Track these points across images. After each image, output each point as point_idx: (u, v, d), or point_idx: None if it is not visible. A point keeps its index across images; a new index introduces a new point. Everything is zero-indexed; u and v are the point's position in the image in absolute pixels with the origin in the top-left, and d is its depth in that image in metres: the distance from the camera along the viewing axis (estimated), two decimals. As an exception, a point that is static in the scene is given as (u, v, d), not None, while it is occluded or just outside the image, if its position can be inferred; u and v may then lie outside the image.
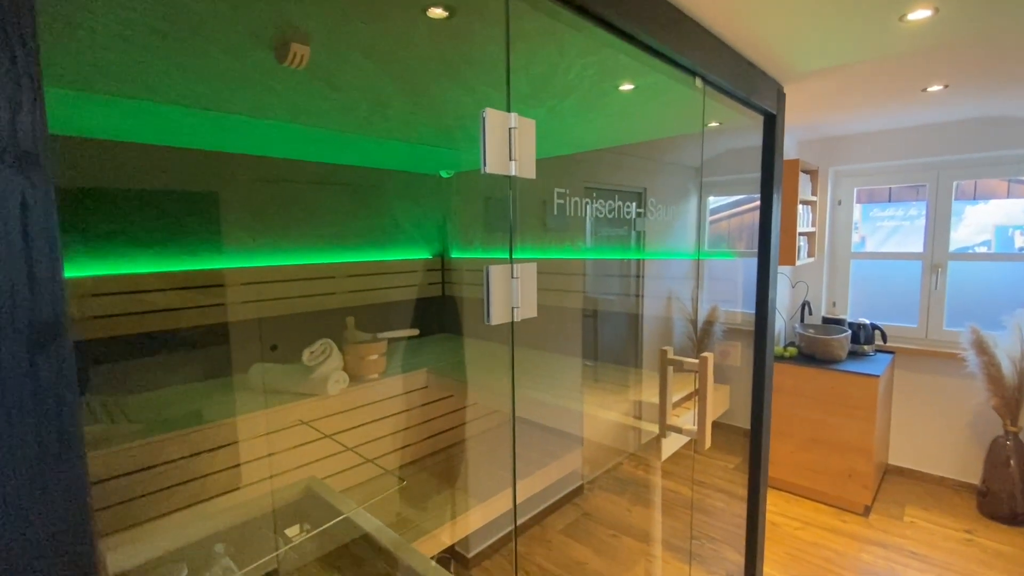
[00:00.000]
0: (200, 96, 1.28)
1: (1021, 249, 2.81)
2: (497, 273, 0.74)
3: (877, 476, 2.73)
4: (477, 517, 1.93)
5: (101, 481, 1.28)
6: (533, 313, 0.81)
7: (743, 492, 2.09)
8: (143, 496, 1.33)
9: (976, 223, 2.98)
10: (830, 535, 2.40)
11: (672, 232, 3.09)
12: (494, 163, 0.68)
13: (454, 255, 2.67)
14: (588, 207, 1.60)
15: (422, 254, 2.56)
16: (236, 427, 1.59)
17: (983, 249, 2.91)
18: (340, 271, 2.20)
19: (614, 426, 2.21)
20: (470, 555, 2.20)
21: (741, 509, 2.09)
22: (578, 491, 2.76)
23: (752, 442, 2.05)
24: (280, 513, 1.36)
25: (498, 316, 0.75)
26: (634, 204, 3.10)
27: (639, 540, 2.38)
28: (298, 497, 1.41)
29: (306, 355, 1.83)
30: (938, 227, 2.87)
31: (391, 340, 2.17)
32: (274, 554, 1.16)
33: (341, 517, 1.23)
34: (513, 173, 0.71)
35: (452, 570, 2.24)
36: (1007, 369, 2.41)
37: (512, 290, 0.77)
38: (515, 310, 0.78)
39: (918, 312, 2.95)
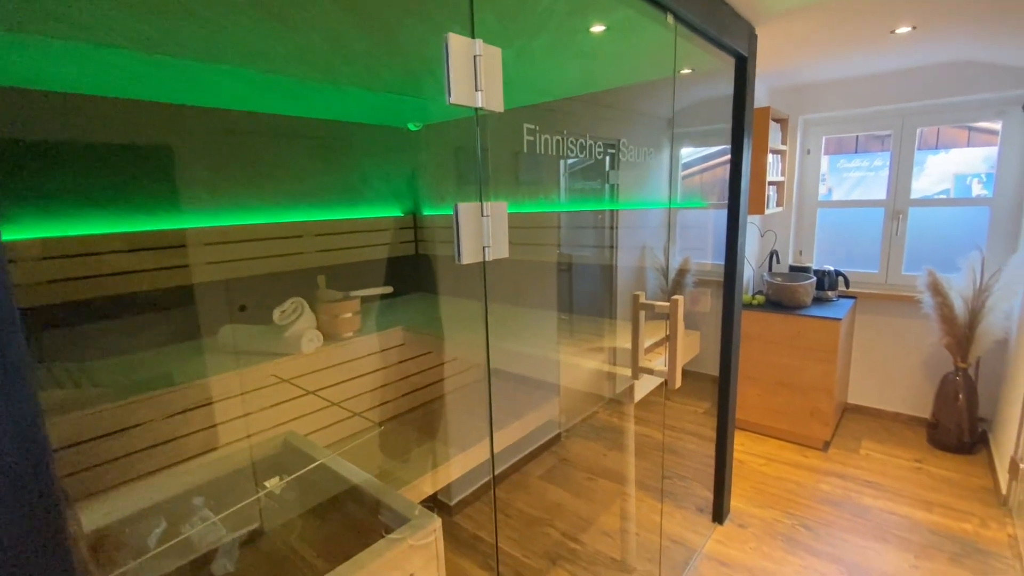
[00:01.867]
0: (141, 36, 1.19)
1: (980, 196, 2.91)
2: (467, 211, 0.73)
3: (837, 414, 2.89)
4: (458, 467, 1.97)
5: (71, 446, 1.26)
6: (504, 254, 0.80)
7: (712, 434, 2.19)
8: (117, 460, 1.31)
9: (937, 172, 3.06)
10: (792, 469, 2.56)
11: (645, 183, 3.08)
12: (459, 93, 0.65)
13: (426, 212, 2.62)
14: (560, 156, 1.57)
15: (393, 211, 2.50)
16: (209, 388, 1.57)
17: (943, 197, 3.00)
18: (308, 230, 2.14)
19: (589, 374, 2.26)
20: (452, 503, 2.27)
21: (710, 450, 2.20)
22: (555, 439, 2.85)
23: (721, 386, 2.13)
24: (259, 466, 1.36)
25: (469, 255, 0.74)
26: (607, 156, 3.08)
27: (614, 481, 2.49)
28: (276, 451, 1.41)
29: (277, 314, 1.80)
30: (901, 174, 2.94)
31: (364, 299, 2.14)
32: (254, 498, 1.17)
33: (317, 463, 1.24)
34: (479, 105, 0.68)
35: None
36: (959, 309, 2.54)
37: (483, 229, 0.75)
38: (486, 249, 0.77)
39: (879, 258, 3.06)
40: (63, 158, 1.44)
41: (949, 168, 3.03)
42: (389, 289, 2.27)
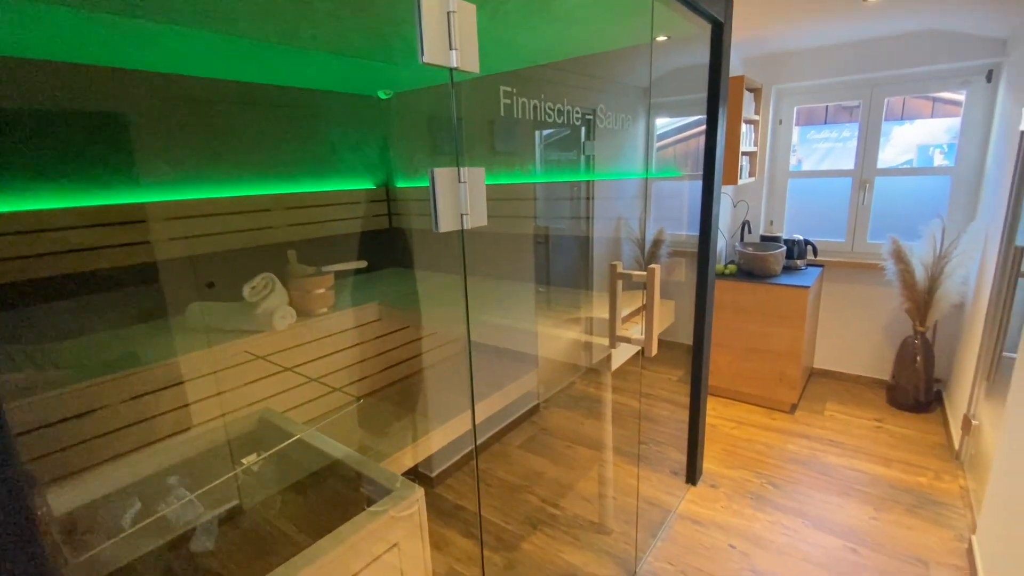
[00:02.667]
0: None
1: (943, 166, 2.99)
2: (443, 176, 0.70)
3: (803, 378, 3.00)
4: (438, 439, 1.98)
5: (35, 429, 1.21)
6: (483, 221, 0.79)
7: (686, 401, 2.25)
8: (85, 442, 1.27)
9: (902, 143, 3.13)
10: (761, 431, 2.66)
11: (621, 154, 3.07)
12: (432, 51, 0.62)
13: (399, 184, 2.56)
14: (537, 121, 1.54)
15: (365, 184, 2.44)
16: (179, 367, 1.52)
17: (907, 167, 3.08)
18: (277, 203, 2.06)
19: (567, 344, 2.29)
20: (433, 474, 2.29)
21: (684, 415, 2.26)
22: (534, 410, 2.89)
23: (694, 354, 2.18)
24: (235, 444, 1.34)
25: (446, 223, 0.72)
26: (584, 126, 3.04)
27: (592, 448, 2.55)
28: (252, 429, 1.39)
29: (247, 290, 1.75)
30: (868, 144, 2.99)
31: (338, 274, 2.10)
32: (230, 474, 1.15)
33: (294, 438, 1.22)
34: (454, 64, 0.66)
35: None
36: (920, 275, 2.64)
37: (460, 195, 0.73)
38: (464, 217, 0.75)
39: (846, 227, 3.14)
40: (4, 127, 1.34)
41: (913, 139, 3.11)
42: (363, 264, 2.22)
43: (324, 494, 1.20)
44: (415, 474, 2.30)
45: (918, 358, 2.76)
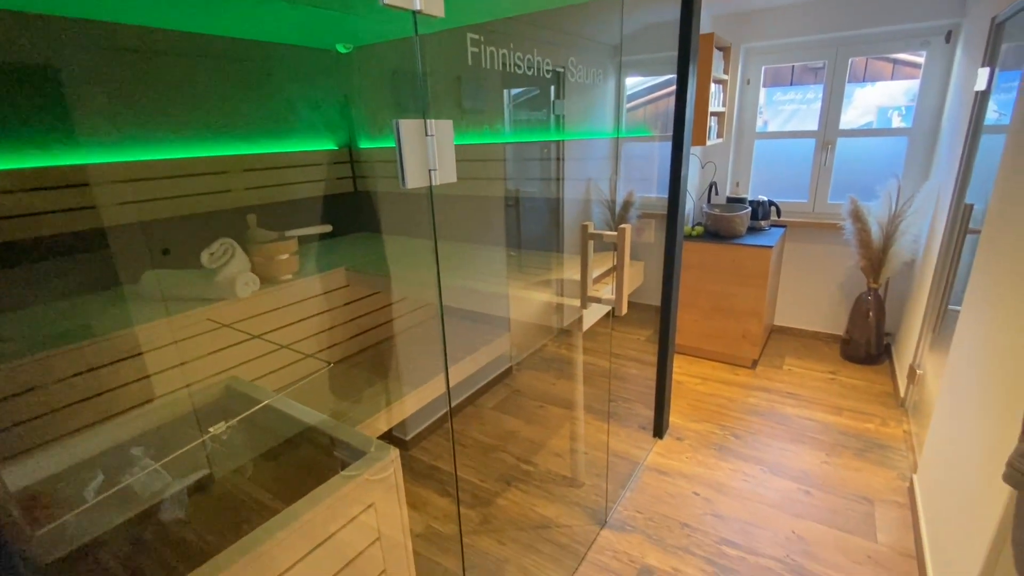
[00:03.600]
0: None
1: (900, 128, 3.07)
2: (409, 129, 0.67)
3: (765, 335, 3.12)
4: (412, 403, 1.99)
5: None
6: (452, 178, 0.76)
7: (654, 360, 2.31)
8: (40, 416, 1.22)
9: (863, 105, 3.19)
10: (724, 386, 2.77)
11: (591, 113, 3.02)
12: (392, -9, 0.58)
13: (363, 145, 2.46)
14: (507, 73, 1.49)
15: (326, 145, 2.33)
16: (137, 338, 1.46)
17: (867, 128, 3.15)
18: (233, 165, 1.96)
19: (539, 307, 2.30)
20: (408, 438, 2.32)
21: (652, 373, 2.33)
22: (507, 372, 2.93)
23: (662, 314, 2.23)
24: (200, 414, 1.31)
25: (414, 178, 0.70)
26: (553, 85, 2.97)
27: (564, 408, 2.61)
28: (218, 398, 1.36)
29: (205, 257, 1.68)
30: (832, 106, 3.04)
31: (302, 239, 2.03)
32: (197, 442, 1.13)
33: (262, 404, 1.20)
34: (417, 7, 0.62)
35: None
36: (875, 234, 2.74)
37: (428, 149, 0.70)
38: (432, 173, 0.73)
39: (808, 188, 3.21)
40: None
41: (874, 101, 3.17)
42: (328, 228, 2.16)
43: (297, 460, 1.19)
44: (390, 438, 2.32)
45: (870, 313, 2.90)
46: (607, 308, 1.66)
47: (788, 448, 2.22)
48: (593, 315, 1.84)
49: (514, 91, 2.84)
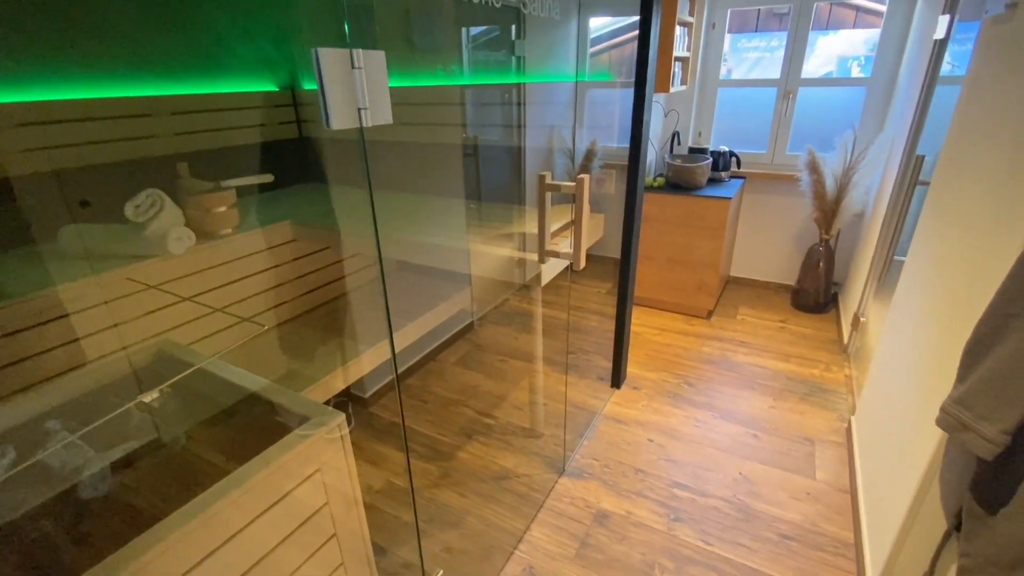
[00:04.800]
0: None
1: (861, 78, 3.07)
2: (331, 60, 0.58)
3: (720, 286, 3.19)
4: (369, 360, 1.94)
5: None
6: (387, 119, 0.68)
7: (613, 312, 2.32)
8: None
9: (825, 54, 3.15)
10: (680, 336, 2.84)
11: (553, 55, 2.88)
12: None
13: (308, 86, 2.26)
14: (459, 7, 1.36)
15: (265, 85, 2.13)
16: (59, 299, 1.33)
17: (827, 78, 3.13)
18: (159, 108, 1.76)
19: (499, 262, 2.25)
20: (367, 395, 2.28)
21: (611, 326, 2.34)
22: (469, 327, 2.90)
23: (621, 267, 2.22)
24: (127, 381, 1.22)
25: (340, 118, 0.61)
26: (513, 23, 2.79)
27: (525, 361, 2.62)
28: (149, 363, 1.27)
29: (130, 209, 1.53)
30: (794, 54, 2.99)
31: (241, 190, 1.89)
32: (119, 411, 1.05)
33: (193, 368, 1.13)
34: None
35: (350, 410, 2.32)
36: (830, 185, 2.79)
37: (355, 84, 0.62)
38: (363, 112, 0.64)
39: (768, 138, 3.21)
40: None
41: (835, 50, 3.14)
42: (269, 178, 2.00)
43: (236, 428, 1.13)
44: (347, 395, 2.28)
45: (821, 264, 2.99)
46: (567, 263, 1.63)
47: (738, 394, 2.31)
48: (552, 269, 1.81)
49: (474, 31, 2.66)
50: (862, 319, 2.44)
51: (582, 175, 1.31)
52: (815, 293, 3.04)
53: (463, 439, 2.05)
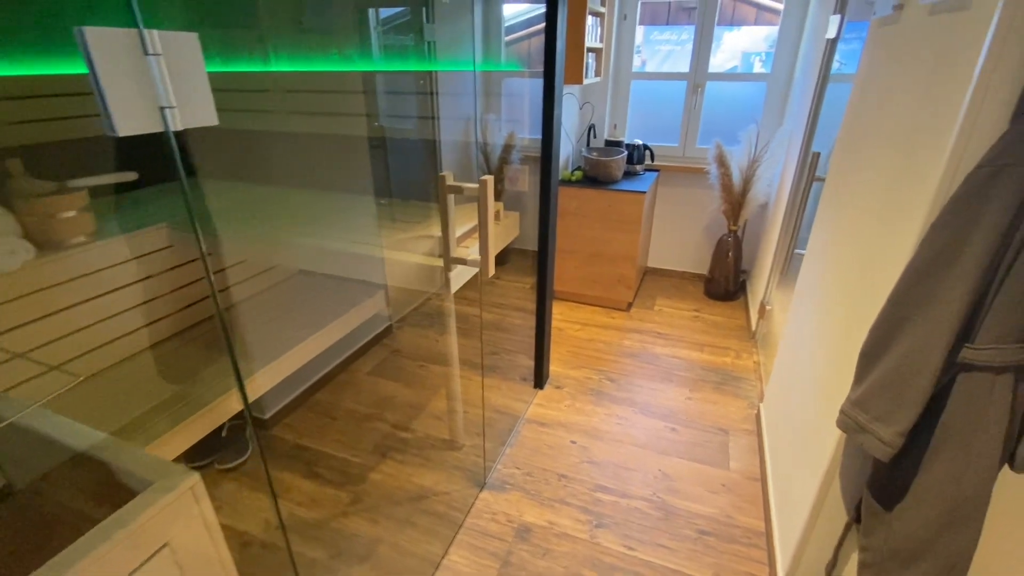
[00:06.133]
0: None
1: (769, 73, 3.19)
2: (106, 44, 0.43)
3: (638, 278, 3.24)
4: (267, 378, 1.74)
5: None
6: (211, 120, 0.53)
7: (535, 308, 2.26)
8: None
9: (730, 49, 3.26)
10: (601, 331, 2.84)
11: (465, 41, 2.74)
12: None
13: (183, 70, 1.97)
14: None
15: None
16: None
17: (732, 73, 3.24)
18: (-23, 91, 1.44)
19: (415, 263, 2.11)
20: (267, 416, 2.06)
21: (534, 322, 2.28)
22: (386, 332, 2.73)
23: (539, 264, 2.15)
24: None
25: (129, 121, 0.46)
26: (422, 5, 2.61)
27: (446, 365, 2.49)
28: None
29: (-71, 220, 1.23)
30: (702, 47, 3.05)
31: (96, 191, 1.61)
32: None
33: (6, 422, 0.90)
34: None
35: (248, 435, 2.10)
36: (736, 178, 2.88)
37: (153, 75, 0.47)
38: (168, 112, 0.49)
39: (679, 131, 3.28)
40: None
41: (739, 45, 3.25)
42: (131, 176, 1.72)
43: (51, 505, 0.92)
44: (246, 418, 2.05)
45: (730, 254, 3.11)
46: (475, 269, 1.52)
47: (657, 387, 2.34)
48: (463, 275, 1.70)
49: (383, 13, 2.45)
50: (767, 307, 2.55)
51: (485, 176, 1.21)
52: (725, 282, 3.16)
53: (376, 458, 1.91)
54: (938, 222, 0.87)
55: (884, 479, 1.02)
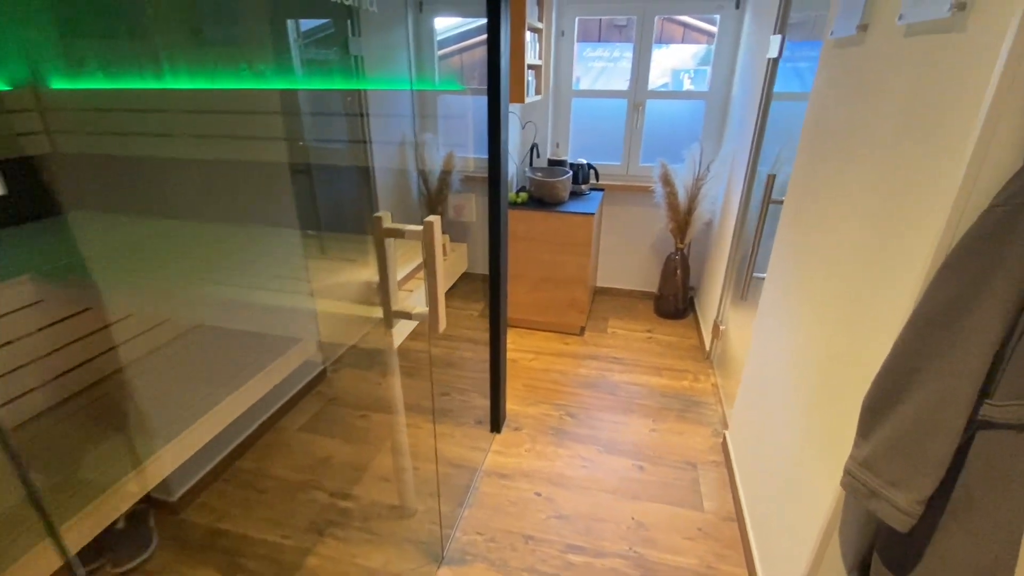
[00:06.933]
0: None
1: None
2: None
3: (589, 300, 3.13)
4: (173, 454, 1.43)
5: None
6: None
7: (487, 338, 2.07)
8: None
9: (661, 67, 3.27)
10: (556, 359, 2.70)
11: (396, 57, 2.53)
12: None
13: (57, 85, 1.63)
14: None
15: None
16: None
17: (668, 90, 3.24)
18: None
19: (348, 319, 1.86)
20: (175, 498, 1.73)
21: (487, 355, 2.09)
22: (320, 377, 2.43)
23: (491, 296, 1.97)
24: None
25: None
26: (348, 18, 2.38)
27: (391, 413, 2.25)
28: None
29: None
30: (641, 65, 3.03)
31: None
32: None
33: None
34: None
35: (152, 523, 1.75)
36: (682, 197, 2.86)
37: None
38: None
39: (622, 149, 3.23)
40: None
41: (669, 63, 3.26)
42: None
43: None
44: (149, 502, 1.71)
45: (678, 271, 3.08)
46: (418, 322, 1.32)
47: (619, 420, 2.22)
48: (405, 328, 1.48)
49: (305, 25, 2.20)
50: (721, 327, 2.51)
51: (431, 217, 1.02)
52: (674, 299, 3.12)
53: (313, 537, 1.63)
54: (950, 264, 0.78)
55: (897, 545, 0.92)
